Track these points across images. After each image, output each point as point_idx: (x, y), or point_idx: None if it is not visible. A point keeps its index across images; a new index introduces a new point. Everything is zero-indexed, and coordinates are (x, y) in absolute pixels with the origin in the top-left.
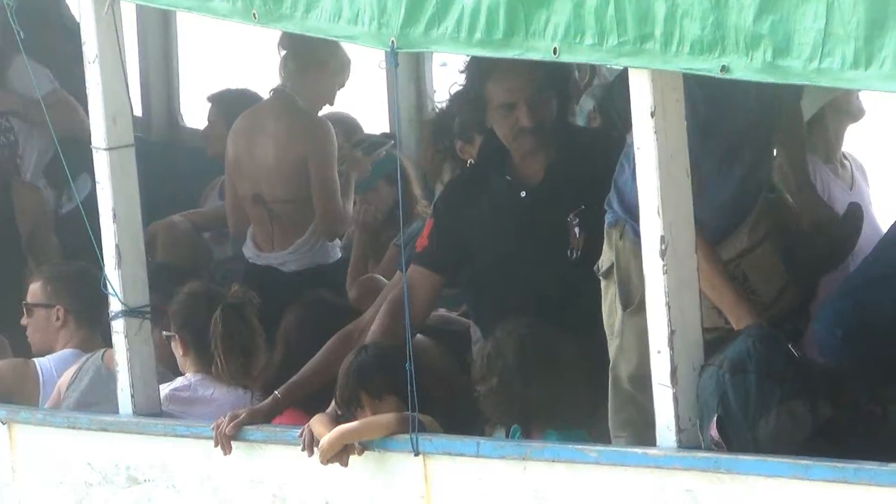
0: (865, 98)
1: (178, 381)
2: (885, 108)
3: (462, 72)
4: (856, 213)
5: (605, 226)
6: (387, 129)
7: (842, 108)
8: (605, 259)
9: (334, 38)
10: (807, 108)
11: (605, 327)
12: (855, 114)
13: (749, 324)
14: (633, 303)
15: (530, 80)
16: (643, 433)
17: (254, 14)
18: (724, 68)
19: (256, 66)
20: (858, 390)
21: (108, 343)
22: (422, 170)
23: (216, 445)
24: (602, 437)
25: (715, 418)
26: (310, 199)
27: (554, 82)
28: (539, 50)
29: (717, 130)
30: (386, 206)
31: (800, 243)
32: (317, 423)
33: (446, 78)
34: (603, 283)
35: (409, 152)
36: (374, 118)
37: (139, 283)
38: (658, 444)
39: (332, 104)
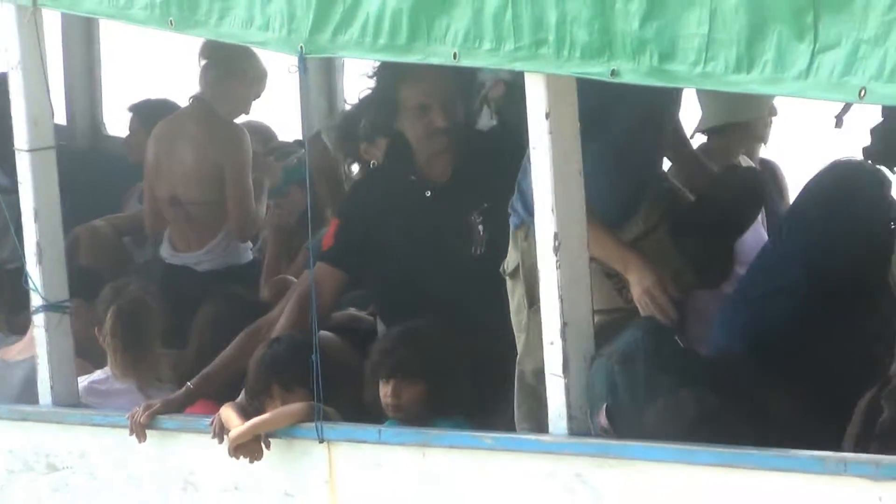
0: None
1: (97, 374)
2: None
3: (371, 76)
4: (740, 174)
5: (511, 228)
6: (301, 138)
7: (751, 133)
8: (511, 260)
9: (246, 44)
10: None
11: (514, 324)
12: (764, 139)
13: (640, 269)
14: (538, 301)
15: (443, 84)
16: (544, 424)
17: (170, 21)
18: (613, 72)
19: (177, 75)
20: (743, 381)
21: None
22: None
23: (131, 434)
24: (502, 428)
25: (604, 406)
26: (224, 202)
27: (460, 87)
28: (440, 55)
29: (610, 122)
30: (298, 210)
31: (688, 216)
32: (226, 412)
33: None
34: (509, 283)
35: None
36: (289, 127)
37: (59, 279)
38: (550, 430)
39: (247, 113)
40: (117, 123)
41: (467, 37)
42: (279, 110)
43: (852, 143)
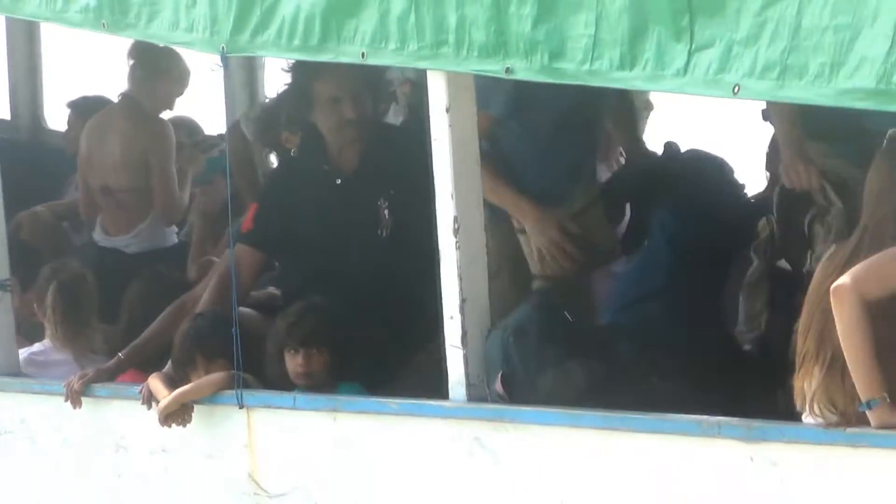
0: None
1: (36, 346)
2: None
3: (287, 71)
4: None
5: None
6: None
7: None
8: None
9: (173, 45)
10: None
11: None
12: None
13: (540, 219)
14: None
15: (353, 79)
16: None
17: (103, 24)
18: (507, 70)
19: (109, 74)
20: (630, 351)
21: None
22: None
23: (66, 401)
24: (403, 394)
25: (500, 375)
26: (150, 190)
27: (369, 83)
28: (349, 54)
29: (537, 108)
30: (222, 197)
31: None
32: (154, 380)
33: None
34: None
35: None
36: (214, 121)
37: (1, 259)
38: (451, 397)
39: (171, 109)
40: (57, 118)
41: (374, 38)
42: (204, 105)
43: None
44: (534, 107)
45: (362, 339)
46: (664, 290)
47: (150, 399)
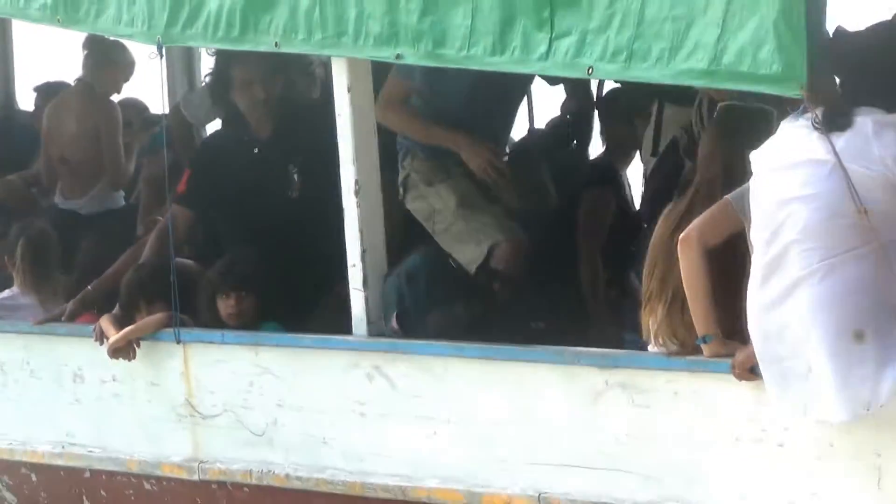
0: None
1: (5, 293)
2: None
3: (212, 55)
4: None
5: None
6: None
7: None
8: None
9: (116, 37)
10: None
11: None
12: None
13: (471, 144)
14: None
15: (263, 65)
16: None
17: (58, 19)
18: (398, 56)
19: (68, 62)
20: (504, 293)
21: None
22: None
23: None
24: (315, 330)
25: (395, 314)
26: (101, 160)
27: (277, 68)
28: (265, 44)
29: (454, 78)
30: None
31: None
32: (104, 321)
33: None
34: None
35: None
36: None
37: None
38: (354, 333)
39: (119, 91)
40: (26, 100)
41: (286, 29)
42: (149, 87)
43: None
44: (446, 78)
45: (281, 284)
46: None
47: (101, 337)
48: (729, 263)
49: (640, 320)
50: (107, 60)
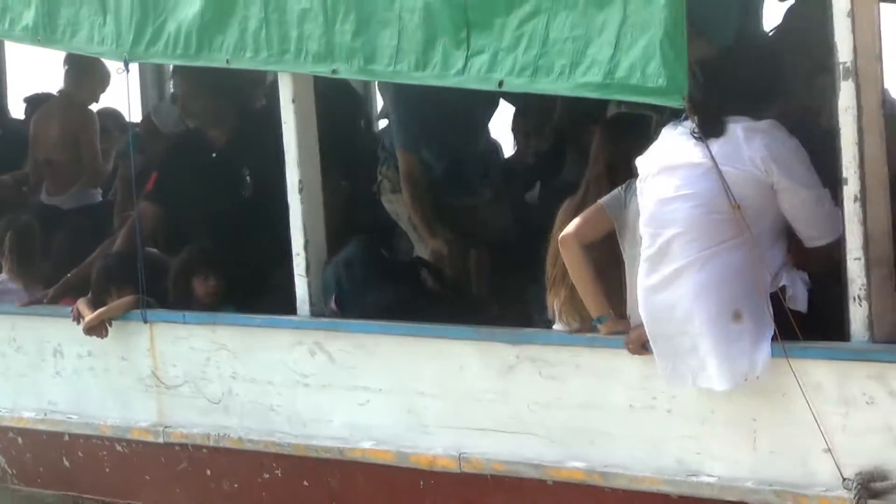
0: None
1: None
2: None
3: (171, 78)
4: None
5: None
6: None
7: None
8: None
9: (89, 54)
10: None
11: None
12: None
13: (434, 243)
14: None
15: (203, 80)
16: None
17: (38, 39)
18: (334, 71)
19: (53, 75)
20: (431, 279)
21: None
22: None
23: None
24: (264, 312)
25: (334, 296)
26: (80, 162)
27: (223, 79)
28: (217, 60)
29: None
30: (138, 167)
31: None
32: (81, 303)
33: None
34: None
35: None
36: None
37: None
38: (298, 313)
39: (97, 101)
40: (17, 109)
41: (236, 48)
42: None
43: None
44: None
45: (236, 270)
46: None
47: (78, 317)
48: (608, 255)
49: (546, 302)
50: (84, 74)
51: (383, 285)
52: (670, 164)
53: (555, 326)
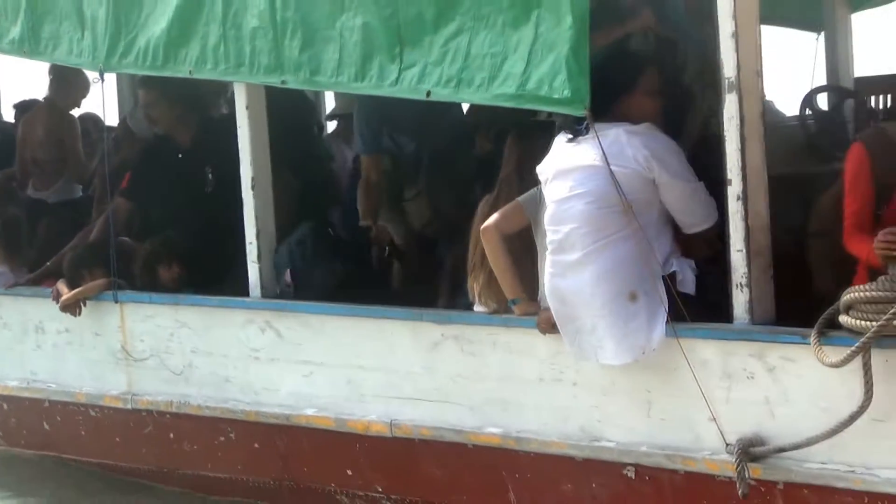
0: None
1: None
2: None
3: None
4: None
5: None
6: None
7: None
8: None
9: (69, 65)
10: None
11: None
12: None
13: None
14: None
15: (164, 91)
16: None
17: (24, 51)
18: (283, 81)
19: (40, 84)
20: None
21: None
22: None
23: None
24: (226, 293)
25: (288, 270)
26: (63, 160)
27: (184, 89)
28: (181, 71)
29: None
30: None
31: None
32: (60, 284)
33: None
34: None
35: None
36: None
37: None
38: (250, 295)
39: (79, 107)
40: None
41: (197, 61)
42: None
43: None
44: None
45: (199, 258)
46: None
47: (57, 297)
48: (523, 246)
49: (468, 286)
50: (66, 83)
51: (332, 260)
52: (564, 168)
53: (475, 308)
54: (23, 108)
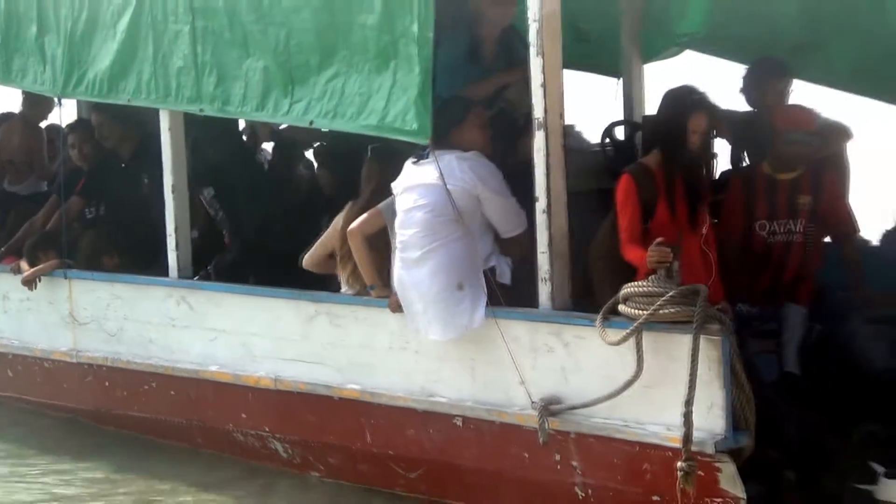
0: None
1: None
2: None
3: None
4: None
5: None
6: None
7: None
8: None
9: (34, 91)
10: None
11: None
12: None
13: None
14: None
15: (110, 114)
16: None
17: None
18: (201, 110)
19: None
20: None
21: None
22: None
23: None
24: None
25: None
26: (32, 162)
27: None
28: (121, 99)
29: None
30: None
31: None
32: (22, 262)
33: None
34: None
35: None
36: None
37: None
38: (170, 276)
39: (45, 119)
40: None
41: (134, 91)
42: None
43: None
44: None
45: (135, 246)
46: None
47: (19, 272)
48: (381, 243)
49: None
50: (36, 102)
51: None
52: (410, 185)
53: (342, 290)
54: (1, 120)
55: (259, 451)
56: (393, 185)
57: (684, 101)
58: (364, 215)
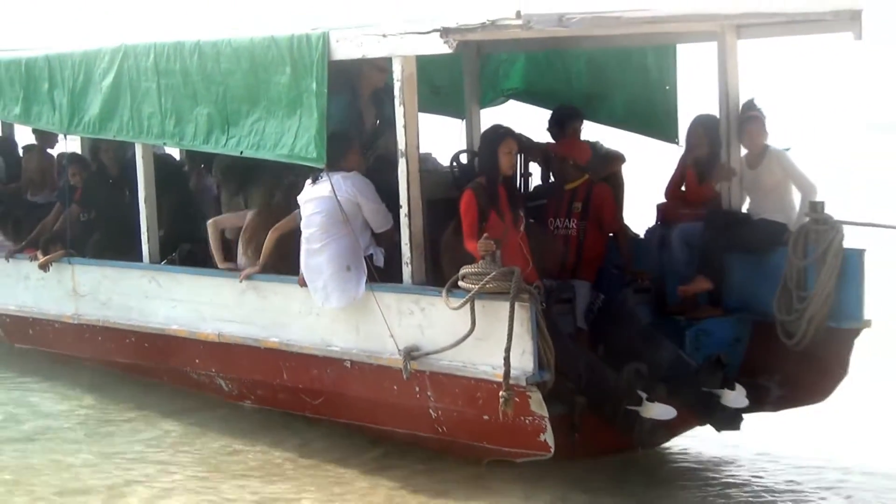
0: None
1: None
2: None
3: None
4: None
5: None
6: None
7: None
8: None
9: (42, 128)
10: None
11: None
12: None
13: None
14: None
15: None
16: None
17: (21, 120)
18: (164, 143)
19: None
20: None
21: None
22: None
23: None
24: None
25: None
26: (46, 180)
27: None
28: (109, 136)
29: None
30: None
31: None
32: (38, 253)
33: None
34: None
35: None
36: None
37: None
38: (142, 261)
39: (53, 147)
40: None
41: (118, 130)
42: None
43: None
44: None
45: (122, 242)
46: None
47: (35, 259)
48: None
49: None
50: (47, 136)
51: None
52: (311, 197)
53: (239, 261)
54: (26, 148)
55: (208, 386)
56: (298, 197)
57: (494, 134)
58: (284, 219)
